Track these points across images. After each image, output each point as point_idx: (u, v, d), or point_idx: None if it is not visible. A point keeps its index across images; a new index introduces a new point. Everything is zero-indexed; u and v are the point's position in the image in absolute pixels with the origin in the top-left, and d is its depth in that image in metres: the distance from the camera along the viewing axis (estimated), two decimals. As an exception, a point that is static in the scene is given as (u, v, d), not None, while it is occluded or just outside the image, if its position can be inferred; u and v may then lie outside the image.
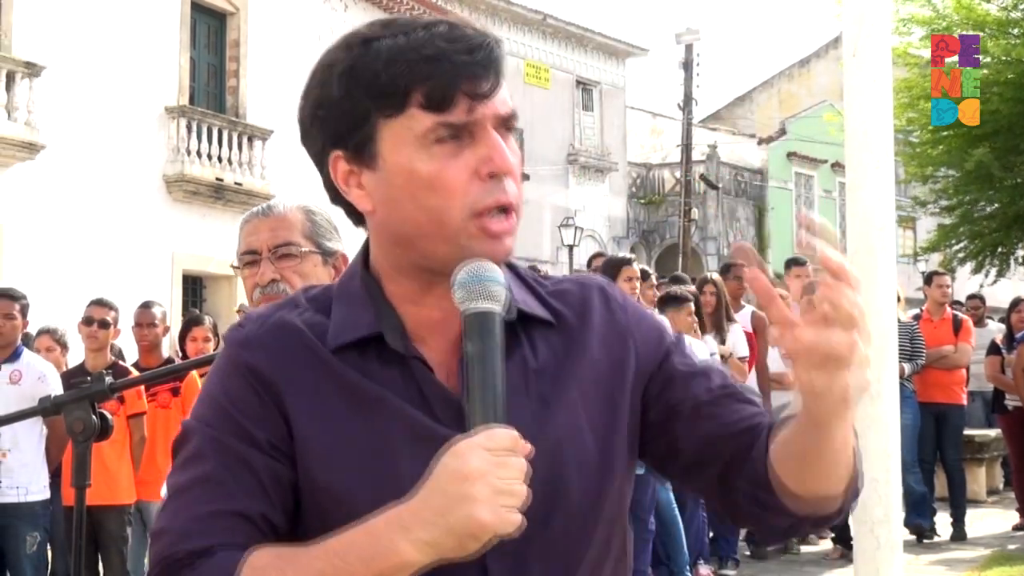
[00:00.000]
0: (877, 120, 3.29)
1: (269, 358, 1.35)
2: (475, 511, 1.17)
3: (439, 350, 1.37)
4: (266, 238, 2.41)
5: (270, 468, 1.31)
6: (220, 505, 1.30)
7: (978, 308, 12.86)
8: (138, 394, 6.52)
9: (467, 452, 1.18)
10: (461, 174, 1.31)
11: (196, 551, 1.28)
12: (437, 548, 1.19)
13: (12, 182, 16.17)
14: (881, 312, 3.27)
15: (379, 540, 1.21)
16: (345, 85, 1.33)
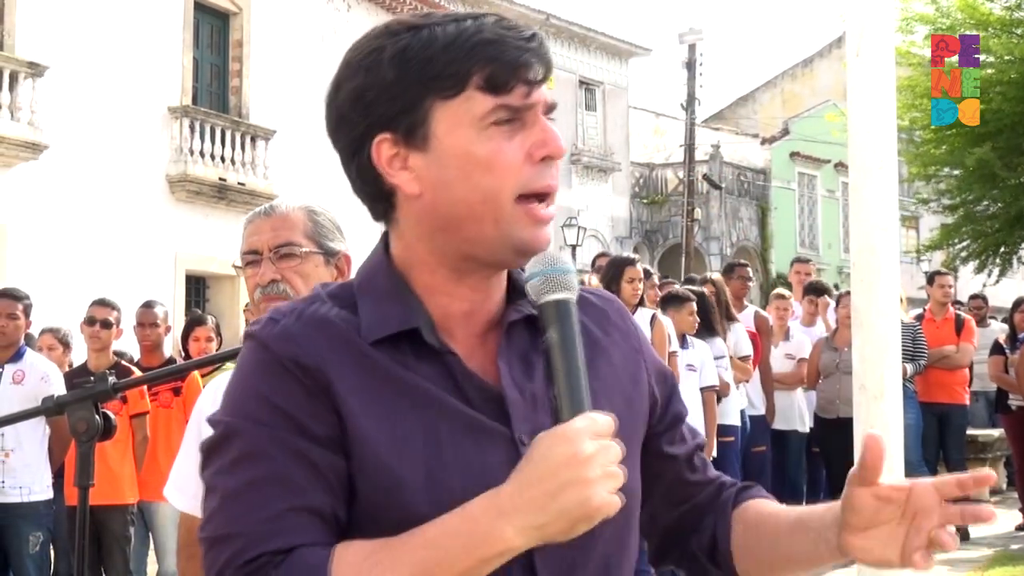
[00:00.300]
0: (880, 120, 3.29)
1: (313, 352, 1.32)
2: (591, 494, 1.19)
3: (465, 343, 1.38)
4: (268, 238, 2.41)
5: (331, 462, 1.29)
6: (292, 503, 1.27)
7: (980, 308, 12.86)
8: (141, 394, 6.53)
9: (576, 437, 1.21)
10: (516, 156, 1.33)
11: (277, 551, 1.25)
12: (543, 532, 1.21)
13: (15, 182, 16.18)
14: (884, 312, 3.27)
15: (479, 527, 1.21)
16: (398, 67, 1.33)
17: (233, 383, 1.37)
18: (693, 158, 30.80)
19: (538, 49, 1.34)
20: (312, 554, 1.24)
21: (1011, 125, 16.35)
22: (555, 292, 1.31)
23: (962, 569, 8.69)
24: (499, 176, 1.32)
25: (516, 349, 1.39)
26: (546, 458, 1.21)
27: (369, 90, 1.35)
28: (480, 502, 1.23)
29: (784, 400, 9.29)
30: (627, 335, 1.51)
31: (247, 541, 1.26)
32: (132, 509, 6.63)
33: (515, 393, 1.35)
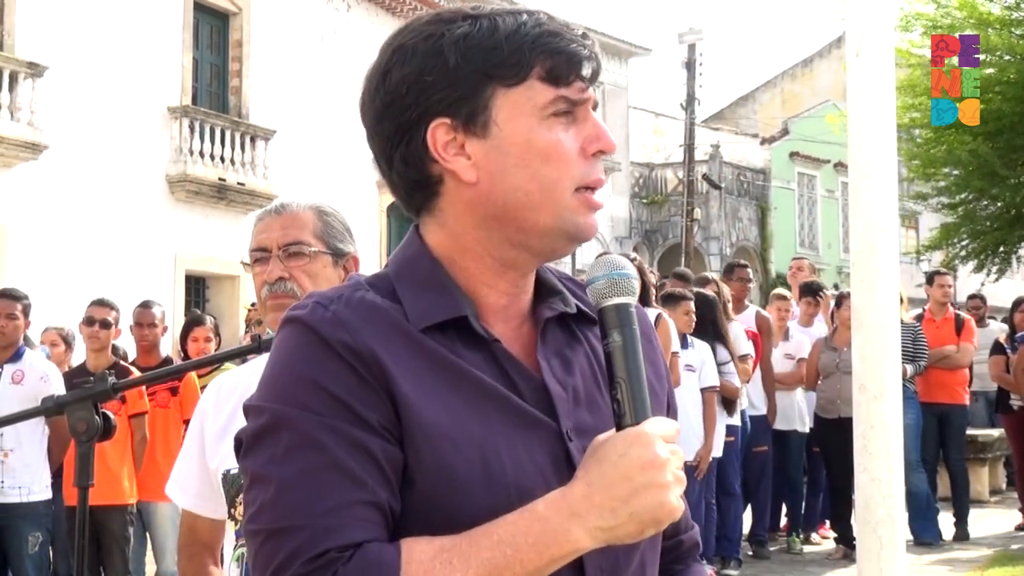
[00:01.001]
0: (880, 120, 3.29)
1: (366, 337, 1.29)
2: (665, 498, 1.22)
3: (503, 335, 1.38)
4: (277, 236, 2.41)
5: (387, 452, 1.26)
6: (354, 496, 1.23)
7: (979, 308, 12.87)
8: (139, 394, 6.52)
9: (652, 441, 1.23)
10: (573, 148, 1.35)
11: (347, 546, 1.21)
12: (613, 534, 1.22)
13: (15, 182, 16.18)
14: (884, 312, 3.26)
15: (550, 527, 1.21)
16: (460, 53, 1.33)
17: (277, 369, 1.32)
18: (693, 158, 30.82)
19: (592, 47, 1.38)
20: (381, 551, 1.21)
21: (1011, 125, 16.35)
22: (618, 296, 1.32)
23: (962, 569, 8.69)
24: (557, 166, 1.33)
25: (552, 345, 1.40)
26: (620, 461, 1.22)
27: (428, 74, 1.34)
28: (549, 502, 1.23)
29: (784, 400, 9.30)
30: (649, 339, 1.50)
31: (311, 535, 1.21)
32: (131, 509, 6.63)
33: (558, 387, 1.36)
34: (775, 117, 39.57)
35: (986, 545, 9.66)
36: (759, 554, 9.04)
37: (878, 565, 3.19)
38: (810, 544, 9.58)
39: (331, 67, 21.26)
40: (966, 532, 9.86)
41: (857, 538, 3.31)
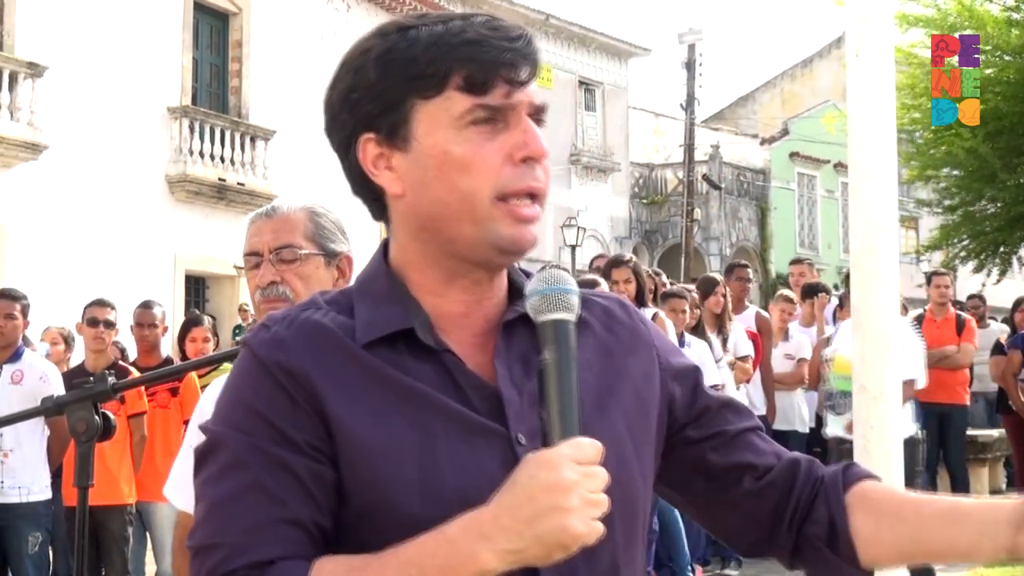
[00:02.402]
0: (880, 120, 3.29)
1: (301, 357, 1.32)
2: (569, 523, 1.18)
3: (461, 343, 1.37)
4: (268, 240, 2.40)
5: (312, 471, 1.29)
6: (272, 514, 1.27)
7: (978, 308, 12.85)
8: (139, 394, 6.52)
9: (559, 464, 1.20)
10: (494, 157, 1.32)
11: (256, 564, 1.25)
12: (520, 557, 1.20)
13: (15, 182, 16.18)
14: (884, 312, 3.26)
15: (458, 549, 1.20)
16: (382, 67, 1.35)
17: (223, 391, 1.37)
18: (693, 158, 30.81)
19: (523, 49, 1.34)
20: (290, 569, 1.24)
21: (1011, 126, 16.34)
22: (553, 312, 1.30)
23: (962, 569, 8.68)
24: (476, 176, 1.32)
25: (516, 349, 1.38)
26: (527, 483, 1.20)
27: (355, 90, 1.37)
28: (460, 523, 1.21)
29: (784, 400, 9.29)
30: (635, 332, 1.49)
31: (228, 552, 1.25)
32: (130, 509, 6.62)
33: (512, 392, 1.34)
34: (775, 117, 39.56)
35: (986, 545, 9.64)
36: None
37: (878, 565, 3.18)
38: (810, 544, 9.56)
39: (331, 67, 20.83)
40: (966, 532, 9.85)
41: (857, 538, 3.30)
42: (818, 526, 1.46)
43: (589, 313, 1.44)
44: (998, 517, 1.34)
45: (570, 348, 1.29)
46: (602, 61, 32.32)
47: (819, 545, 1.46)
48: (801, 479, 1.48)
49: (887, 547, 1.44)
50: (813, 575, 1.51)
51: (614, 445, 1.35)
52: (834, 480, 1.48)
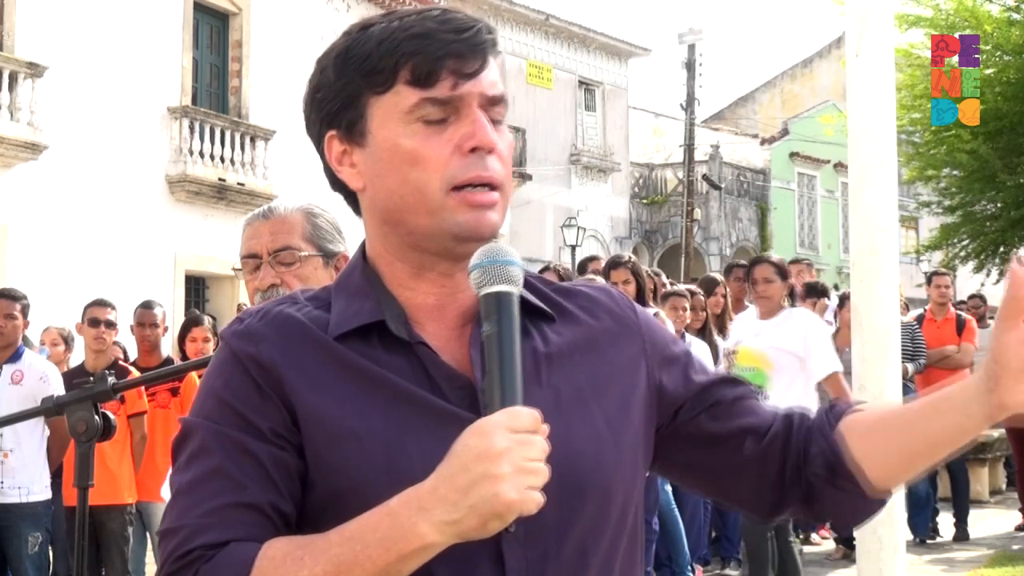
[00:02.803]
0: (880, 120, 3.29)
1: (269, 347, 1.35)
2: (500, 490, 1.17)
3: (437, 335, 1.38)
4: (266, 242, 2.40)
5: (274, 457, 1.31)
6: (230, 498, 1.30)
7: (979, 307, 12.85)
8: (139, 393, 6.51)
9: (491, 431, 1.19)
10: (443, 149, 1.34)
11: (211, 545, 1.28)
12: (458, 528, 1.19)
13: (15, 182, 16.19)
14: (884, 311, 3.26)
15: (398, 522, 1.21)
16: (340, 66, 1.38)
17: (201, 382, 1.41)
18: (693, 158, 30.81)
19: (471, 39, 1.35)
20: (241, 549, 1.27)
21: (1011, 126, 16.33)
22: (493, 285, 1.29)
23: (962, 569, 8.68)
24: (425, 169, 1.34)
25: None
26: (461, 453, 1.19)
27: (319, 89, 1.41)
28: (402, 496, 1.22)
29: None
30: (622, 319, 1.48)
31: (186, 535, 1.29)
32: (130, 509, 6.61)
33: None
34: (775, 117, 39.57)
35: (986, 545, 9.65)
36: (759, 554, 9.02)
37: (878, 565, 3.19)
38: (810, 544, 9.56)
39: (331, 67, 21.24)
40: (966, 532, 9.85)
41: (857, 538, 3.31)
42: (817, 466, 1.45)
43: (572, 302, 1.46)
44: (971, 394, 1.34)
45: (511, 319, 1.28)
46: (602, 61, 32.31)
47: (825, 485, 1.45)
48: (795, 431, 1.48)
49: (887, 460, 1.43)
50: (838, 518, 1.51)
51: (590, 433, 1.37)
52: (820, 421, 1.47)
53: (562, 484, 1.29)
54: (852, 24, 3.34)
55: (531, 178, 27.44)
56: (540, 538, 1.31)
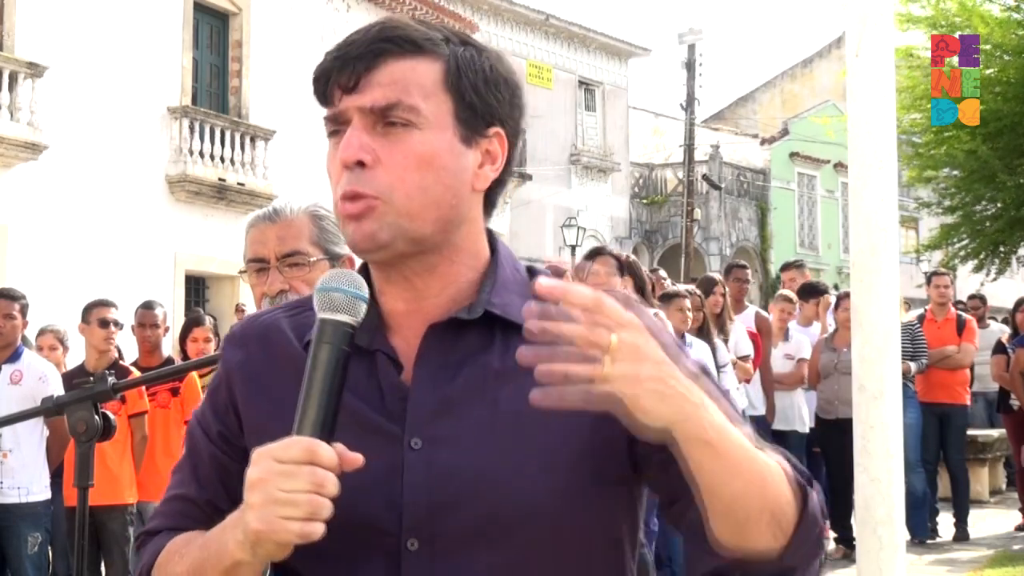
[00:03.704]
0: (880, 120, 3.29)
1: (234, 353, 1.47)
2: (248, 518, 1.21)
3: (407, 342, 1.40)
4: (274, 246, 2.36)
5: (215, 458, 1.44)
6: (178, 491, 1.46)
7: (978, 308, 12.85)
8: (139, 393, 6.51)
9: (256, 460, 1.23)
10: (336, 165, 1.39)
11: (151, 531, 1.46)
12: (254, 550, 1.24)
13: (15, 182, 16.18)
14: (884, 312, 3.26)
15: (223, 537, 1.28)
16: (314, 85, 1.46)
17: None
18: (693, 158, 30.81)
19: (350, 53, 1.38)
20: (163, 537, 1.43)
21: (1012, 126, 16.33)
22: (324, 311, 1.30)
23: (962, 569, 8.68)
24: (332, 184, 1.39)
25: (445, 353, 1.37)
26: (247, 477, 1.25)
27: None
28: (234, 512, 1.28)
29: (784, 400, 9.29)
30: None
31: (149, 520, 1.50)
32: (131, 509, 6.61)
33: (425, 395, 1.35)
34: (775, 117, 39.57)
35: (986, 545, 9.65)
36: (759, 554, 9.03)
37: (878, 565, 3.18)
38: (810, 544, 9.55)
39: (331, 67, 21.24)
40: (966, 532, 9.85)
41: (857, 538, 3.30)
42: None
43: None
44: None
45: (327, 349, 1.28)
46: (602, 61, 32.31)
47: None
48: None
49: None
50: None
51: (517, 458, 1.32)
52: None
53: (471, 507, 1.30)
54: (852, 24, 3.34)
55: (531, 178, 27.44)
56: (448, 559, 1.31)
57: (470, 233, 1.42)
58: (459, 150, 1.37)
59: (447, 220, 1.37)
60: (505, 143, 1.41)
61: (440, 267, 1.39)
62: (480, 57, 1.40)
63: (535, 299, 1.16)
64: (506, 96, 1.41)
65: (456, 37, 1.42)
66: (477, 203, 1.42)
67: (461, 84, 1.37)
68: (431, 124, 1.36)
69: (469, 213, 1.40)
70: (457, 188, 1.37)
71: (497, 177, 1.42)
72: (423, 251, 1.38)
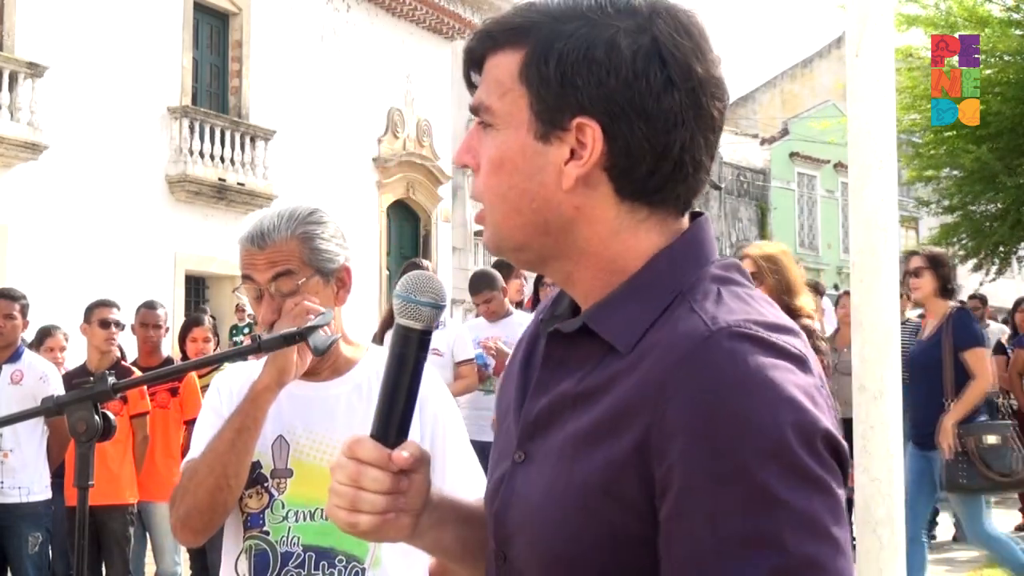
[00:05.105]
0: (880, 120, 3.29)
1: None
2: (328, 503, 1.32)
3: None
4: (264, 273, 2.33)
5: None
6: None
7: (978, 308, 12.84)
8: (141, 394, 6.51)
9: (340, 451, 1.32)
10: None
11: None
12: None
13: (15, 182, 16.17)
14: (884, 312, 3.26)
15: None
16: None
17: None
18: (693, 158, 30.77)
19: (467, 47, 1.34)
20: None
21: (1011, 127, 16.33)
22: (401, 318, 1.34)
23: (962, 569, 8.69)
24: None
25: (558, 363, 1.29)
26: None
27: None
28: None
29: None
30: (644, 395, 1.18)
31: None
32: (132, 509, 6.61)
33: (531, 406, 1.31)
34: (775, 117, 39.56)
35: (986, 545, 9.64)
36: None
37: (878, 565, 3.18)
38: (810, 544, 9.55)
39: (331, 67, 21.25)
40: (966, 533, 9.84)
41: (857, 538, 3.31)
42: None
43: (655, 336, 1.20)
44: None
45: (401, 354, 1.33)
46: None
47: None
48: None
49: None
50: None
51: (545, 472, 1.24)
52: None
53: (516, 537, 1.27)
54: (852, 24, 3.34)
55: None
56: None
57: (595, 236, 1.26)
58: (535, 149, 1.25)
59: (536, 225, 1.26)
60: (598, 132, 1.22)
61: (575, 274, 1.28)
62: (602, 32, 1.22)
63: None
64: (601, 77, 1.21)
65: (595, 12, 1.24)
66: (588, 202, 1.25)
67: (537, 73, 1.24)
68: (506, 123, 1.26)
69: (577, 215, 1.25)
70: (536, 191, 1.25)
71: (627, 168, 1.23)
72: (545, 258, 1.29)
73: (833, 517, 1.09)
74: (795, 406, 1.10)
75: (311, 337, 2.15)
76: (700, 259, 1.26)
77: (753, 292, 1.24)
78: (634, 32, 1.23)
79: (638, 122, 1.22)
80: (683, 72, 1.24)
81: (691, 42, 1.27)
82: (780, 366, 1.12)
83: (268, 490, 2.35)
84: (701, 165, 1.26)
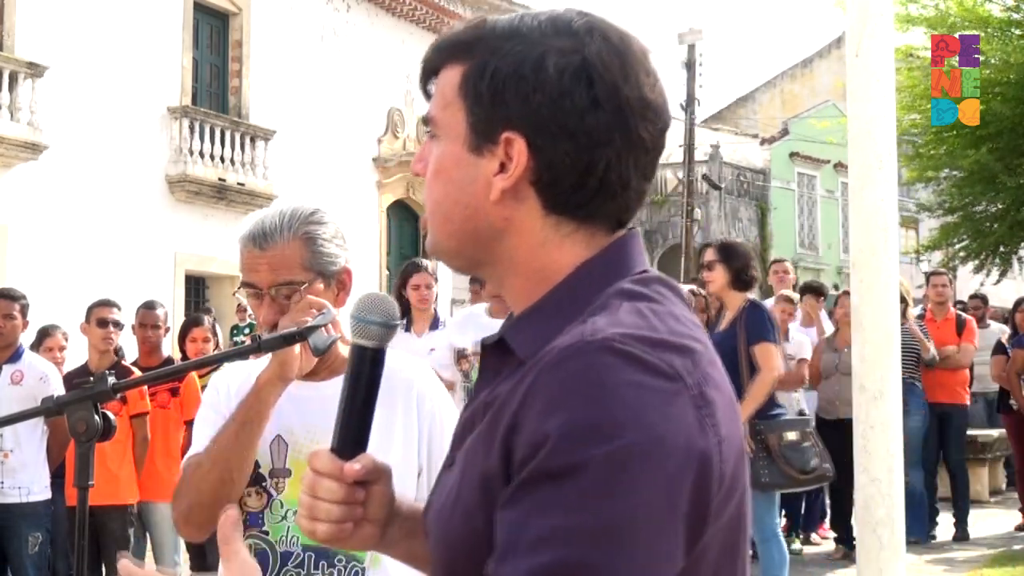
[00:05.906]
0: (880, 119, 3.29)
1: None
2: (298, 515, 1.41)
3: None
4: (265, 276, 2.32)
5: None
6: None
7: (979, 308, 12.85)
8: (141, 394, 6.51)
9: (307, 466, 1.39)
10: None
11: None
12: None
13: (15, 182, 16.18)
14: (884, 312, 3.26)
15: None
16: None
17: None
18: (693, 158, 30.80)
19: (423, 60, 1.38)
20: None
21: (1011, 127, 16.32)
22: (357, 337, 1.43)
23: (962, 569, 8.69)
24: None
25: (485, 374, 1.34)
26: None
27: None
28: None
29: (784, 400, 9.28)
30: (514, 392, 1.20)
31: None
32: (132, 509, 6.61)
33: (463, 415, 1.34)
34: (775, 117, 39.57)
35: (986, 545, 9.66)
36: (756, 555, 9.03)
37: (878, 565, 3.19)
38: (810, 544, 9.57)
39: (331, 67, 21.25)
40: (966, 532, 9.85)
41: (857, 538, 3.31)
42: None
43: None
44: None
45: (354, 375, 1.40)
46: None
47: None
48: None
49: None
50: None
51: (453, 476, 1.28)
52: None
53: (430, 539, 1.32)
54: (852, 24, 3.34)
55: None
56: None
57: (523, 246, 1.29)
58: (468, 160, 1.28)
59: (467, 233, 1.30)
60: (523, 147, 1.25)
61: (506, 281, 1.32)
62: (533, 51, 1.26)
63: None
64: (528, 94, 1.24)
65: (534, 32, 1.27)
66: (516, 214, 1.28)
67: (473, 88, 1.28)
68: (446, 134, 1.31)
69: (506, 225, 1.28)
70: (467, 201, 1.29)
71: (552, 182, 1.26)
72: (478, 264, 1.35)
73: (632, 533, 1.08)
74: (640, 423, 1.10)
75: (311, 337, 2.15)
76: (618, 273, 1.28)
77: (659, 308, 1.22)
78: (566, 52, 1.26)
79: (562, 139, 1.25)
80: (609, 92, 1.27)
81: (622, 63, 1.29)
82: (643, 384, 1.12)
83: (267, 490, 2.36)
84: (629, 185, 1.33)
